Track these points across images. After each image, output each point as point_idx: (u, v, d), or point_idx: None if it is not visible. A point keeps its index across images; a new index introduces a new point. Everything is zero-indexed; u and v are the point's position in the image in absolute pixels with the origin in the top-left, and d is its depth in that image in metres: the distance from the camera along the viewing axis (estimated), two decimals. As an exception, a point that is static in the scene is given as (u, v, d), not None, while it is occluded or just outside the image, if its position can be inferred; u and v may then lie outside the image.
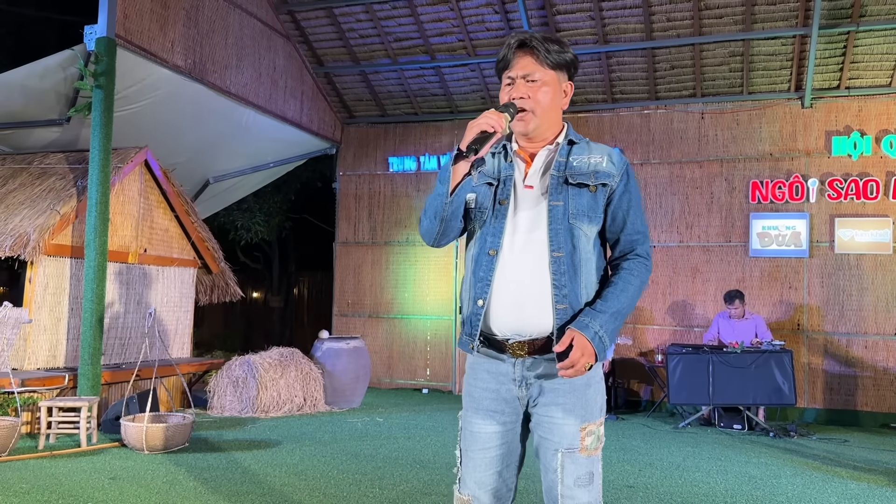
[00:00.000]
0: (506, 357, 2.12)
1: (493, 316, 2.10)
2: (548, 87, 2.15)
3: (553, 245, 2.08)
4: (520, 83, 2.14)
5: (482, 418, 2.15)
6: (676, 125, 9.13)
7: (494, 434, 2.14)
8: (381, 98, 10.20)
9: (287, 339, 14.50)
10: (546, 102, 2.15)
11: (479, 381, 2.18)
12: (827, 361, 8.39)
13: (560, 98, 2.20)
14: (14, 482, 4.58)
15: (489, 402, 2.15)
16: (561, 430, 2.08)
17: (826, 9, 7.83)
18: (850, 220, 8.34)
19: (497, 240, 2.12)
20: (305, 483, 4.78)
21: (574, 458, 2.06)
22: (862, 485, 5.18)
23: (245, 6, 8.50)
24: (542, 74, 2.14)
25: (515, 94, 2.14)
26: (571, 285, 2.08)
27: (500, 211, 2.14)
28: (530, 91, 2.13)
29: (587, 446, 2.08)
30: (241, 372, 7.55)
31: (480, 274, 2.12)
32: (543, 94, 2.14)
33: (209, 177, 9.75)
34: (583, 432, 2.08)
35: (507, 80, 2.18)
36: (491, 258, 2.11)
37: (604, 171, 2.14)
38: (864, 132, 8.38)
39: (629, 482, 5.06)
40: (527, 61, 2.15)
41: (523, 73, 2.15)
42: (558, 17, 8.62)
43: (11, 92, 7.25)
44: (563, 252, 2.08)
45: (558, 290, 2.06)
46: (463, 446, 2.20)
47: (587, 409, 2.10)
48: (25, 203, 6.91)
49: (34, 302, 6.53)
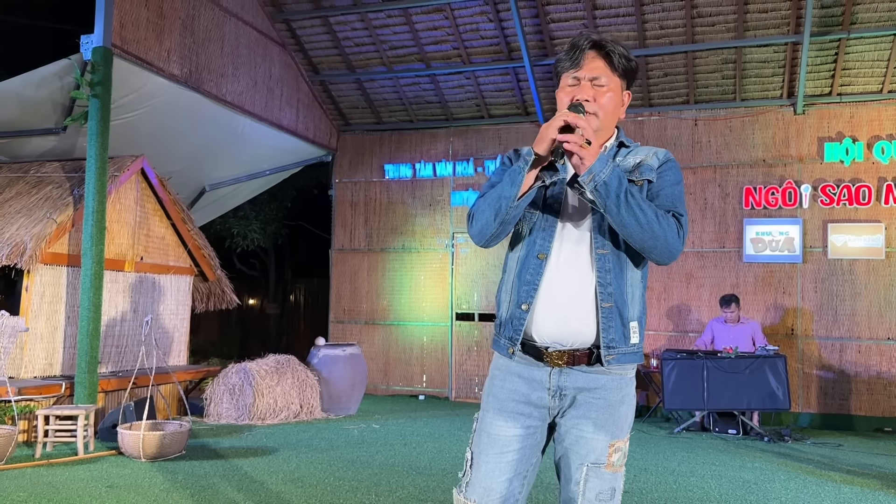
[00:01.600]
0: (542, 365, 2.07)
1: (535, 322, 2.05)
2: (612, 94, 2.10)
3: (597, 243, 2.04)
4: (586, 85, 2.09)
5: (505, 420, 2.09)
6: (670, 132, 9.19)
7: (515, 437, 2.08)
8: (377, 105, 10.25)
9: (283, 346, 14.51)
10: (610, 108, 2.10)
11: (508, 382, 2.11)
12: (821, 366, 8.43)
13: (619, 106, 2.15)
14: (11, 491, 4.59)
15: (515, 404, 2.09)
16: (589, 444, 2.03)
17: (817, 16, 7.91)
18: (842, 226, 8.40)
19: (547, 244, 2.07)
20: (302, 490, 4.79)
21: (599, 473, 2.02)
22: (855, 489, 5.22)
23: (241, 15, 8.54)
24: (609, 79, 2.10)
25: (581, 95, 2.07)
26: (617, 283, 2.03)
27: (549, 215, 2.10)
28: (596, 94, 2.08)
29: (613, 462, 2.04)
30: (237, 379, 7.56)
31: (527, 277, 2.07)
32: (608, 100, 2.09)
33: (205, 184, 9.78)
34: (611, 448, 2.04)
35: (571, 80, 2.11)
36: (540, 262, 2.06)
37: (647, 165, 2.10)
38: (856, 138, 8.46)
39: (624, 487, 5.08)
40: (598, 64, 2.09)
41: (592, 75, 2.09)
42: (552, 25, 8.69)
43: (8, 101, 7.28)
44: (607, 250, 2.03)
45: (603, 288, 2.01)
46: (476, 449, 2.12)
47: (617, 426, 2.05)
48: (22, 212, 6.93)
49: (31, 310, 6.55)
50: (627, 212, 1.91)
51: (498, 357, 2.17)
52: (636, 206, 1.92)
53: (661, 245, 1.96)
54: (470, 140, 10.01)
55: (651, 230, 1.93)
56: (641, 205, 1.94)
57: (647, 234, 1.94)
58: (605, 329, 2.00)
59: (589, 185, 1.92)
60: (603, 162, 1.92)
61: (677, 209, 2.04)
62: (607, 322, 2.01)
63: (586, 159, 1.91)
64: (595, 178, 1.91)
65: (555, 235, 2.07)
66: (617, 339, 2.02)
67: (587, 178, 1.92)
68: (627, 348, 2.04)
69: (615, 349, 2.02)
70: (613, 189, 1.91)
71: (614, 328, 2.01)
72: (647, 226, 1.93)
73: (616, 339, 2.02)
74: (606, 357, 2.01)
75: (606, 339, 2.01)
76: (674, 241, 1.97)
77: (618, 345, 2.02)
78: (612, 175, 1.92)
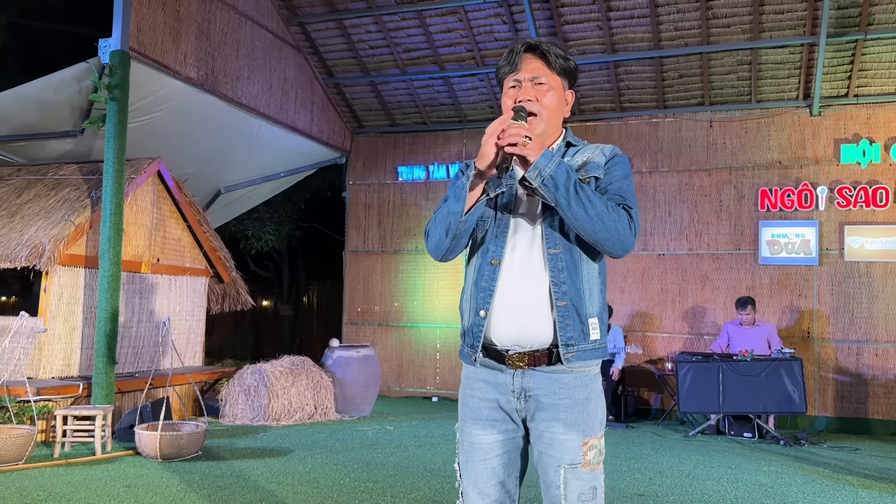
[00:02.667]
0: (505, 368, 2.08)
1: (493, 326, 2.07)
2: (554, 92, 2.13)
3: (549, 242, 2.04)
4: (527, 86, 2.11)
5: (482, 428, 2.11)
6: (685, 133, 9.15)
7: (495, 443, 2.10)
8: (391, 108, 10.28)
9: (297, 348, 14.56)
10: (552, 107, 2.12)
11: (477, 391, 2.14)
12: (837, 369, 8.37)
13: (563, 105, 2.18)
14: (31, 490, 4.63)
15: (488, 411, 2.11)
16: (563, 445, 2.03)
17: (834, 17, 7.86)
18: (859, 228, 8.33)
19: (500, 249, 2.09)
20: (318, 491, 4.81)
21: (577, 473, 2.02)
22: (873, 493, 5.18)
23: (256, 18, 8.59)
24: (549, 78, 2.12)
25: (523, 95, 2.10)
26: (571, 281, 2.03)
27: (501, 220, 2.11)
28: (538, 94, 2.11)
29: (589, 461, 2.04)
30: (252, 380, 7.60)
31: (482, 284, 2.09)
32: (550, 99, 2.12)
33: (220, 187, 9.84)
34: (585, 447, 2.04)
35: (512, 82, 2.15)
36: (493, 268, 2.08)
37: (594, 162, 2.11)
38: (873, 140, 8.39)
39: (639, 490, 5.08)
40: (536, 65, 2.13)
41: (531, 75, 2.12)
42: (566, 27, 8.68)
43: (27, 104, 7.35)
44: (559, 248, 2.04)
45: (557, 287, 2.02)
46: (462, 459, 2.16)
47: (588, 424, 2.05)
48: (40, 214, 7.00)
49: (49, 312, 6.61)
50: (577, 204, 1.93)
51: (465, 366, 2.20)
52: (585, 198, 1.94)
53: (612, 236, 1.97)
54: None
55: (602, 222, 1.95)
56: (591, 197, 1.95)
57: (598, 226, 1.95)
58: (562, 327, 2.01)
59: (536, 180, 1.93)
60: (548, 157, 1.94)
61: (627, 202, 2.05)
62: (564, 320, 2.01)
63: (530, 155, 1.94)
64: (541, 172, 1.93)
65: (507, 240, 2.09)
66: (575, 336, 2.02)
67: (533, 173, 1.93)
68: (588, 345, 2.04)
69: (574, 346, 2.02)
70: (562, 182, 1.93)
71: (572, 326, 2.02)
72: (597, 218, 1.94)
73: (574, 336, 2.02)
74: (566, 355, 2.01)
75: (564, 337, 2.01)
76: (625, 232, 1.98)
77: (577, 342, 2.02)
78: (559, 168, 1.94)
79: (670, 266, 9.04)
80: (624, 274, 9.20)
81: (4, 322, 6.60)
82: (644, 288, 9.12)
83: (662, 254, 9.08)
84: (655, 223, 9.13)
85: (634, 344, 8.77)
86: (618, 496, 4.90)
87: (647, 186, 9.19)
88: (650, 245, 9.13)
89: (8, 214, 7.14)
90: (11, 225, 6.96)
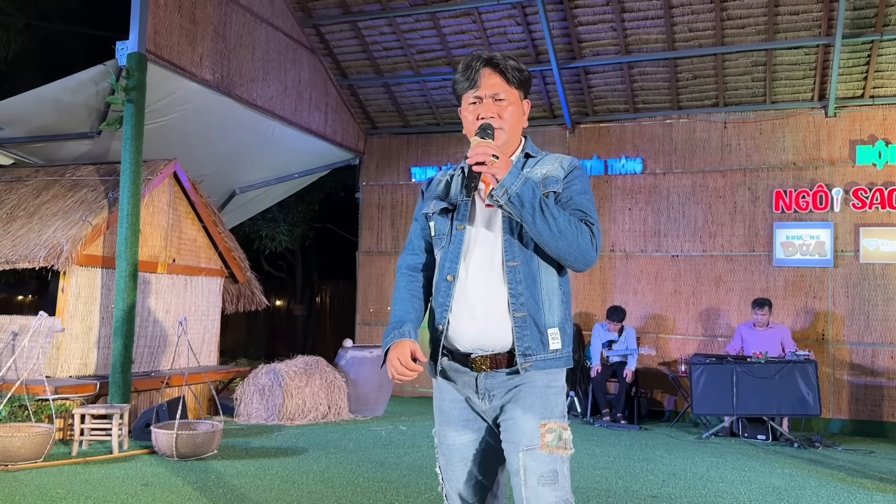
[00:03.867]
0: (468, 370, 2.14)
1: (456, 335, 2.14)
2: (513, 107, 2.19)
3: (508, 255, 2.10)
4: (488, 102, 2.17)
5: (456, 430, 2.19)
6: (699, 135, 9.13)
7: (470, 443, 2.18)
8: (404, 109, 10.31)
9: (310, 348, 14.62)
10: (513, 121, 2.18)
11: (447, 394, 2.22)
12: (852, 372, 8.33)
13: (521, 116, 2.24)
14: (50, 488, 4.70)
15: (459, 412, 2.19)
16: (520, 428, 2.06)
17: (849, 18, 7.82)
18: (875, 230, 8.29)
19: (454, 265, 2.14)
20: (332, 491, 4.85)
21: (535, 455, 2.03)
22: (888, 496, 5.15)
23: (271, 20, 8.65)
24: (507, 93, 2.17)
25: (485, 112, 2.15)
26: (529, 293, 2.08)
27: (457, 235, 2.16)
28: (499, 110, 2.16)
29: (548, 443, 2.04)
30: (267, 380, 7.66)
31: (440, 300, 2.16)
32: (510, 114, 2.18)
33: (235, 187, 9.91)
34: (542, 429, 2.05)
35: (472, 98, 2.19)
36: (449, 284, 2.14)
37: (553, 176, 2.16)
38: (889, 141, 8.35)
39: (652, 492, 5.08)
40: (495, 81, 2.17)
41: (492, 92, 2.16)
42: (580, 28, 8.68)
43: (45, 106, 7.44)
44: (518, 262, 2.09)
45: (515, 299, 2.07)
46: (442, 462, 2.22)
47: (546, 407, 2.08)
48: (58, 214, 7.08)
49: (66, 311, 6.68)
50: (541, 220, 1.98)
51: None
52: (549, 215, 2.00)
53: (574, 251, 2.04)
54: (497, 143, 10.01)
55: (564, 238, 2.01)
56: (555, 213, 2.01)
57: (560, 242, 2.02)
58: (519, 337, 2.07)
59: (503, 198, 1.99)
60: (514, 174, 2.01)
61: (588, 217, 2.11)
62: (521, 331, 2.07)
63: (497, 174, 2.00)
64: (508, 190, 1.99)
65: (462, 254, 2.14)
66: (534, 346, 2.07)
67: (500, 191, 1.99)
68: (547, 354, 2.10)
69: (532, 356, 2.07)
70: (528, 200, 1.99)
71: (530, 336, 2.07)
72: (559, 234, 2.01)
73: (533, 346, 2.07)
74: (523, 364, 2.06)
75: (522, 346, 2.07)
76: (586, 247, 2.05)
77: (535, 352, 2.08)
78: (525, 186, 2.00)
79: (684, 267, 9.02)
80: (637, 275, 9.20)
81: (23, 321, 6.69)
82: (658, 289, 9.11)
83: (676, 255, 9.07)
84: (669, 224, 9.12)
85: (648, 345, 8.75)
86: (631, 498, 4.90)
87: (661, 188, 9.17)
88: (664, 246, 9.12)
89: (27, 215, 7.23)
90: (30, 225, 7.04)
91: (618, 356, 8.38)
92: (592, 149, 9.49)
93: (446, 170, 2.39)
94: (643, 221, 9.24)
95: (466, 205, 2.19)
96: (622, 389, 8.15)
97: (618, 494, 4.98)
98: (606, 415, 8.16)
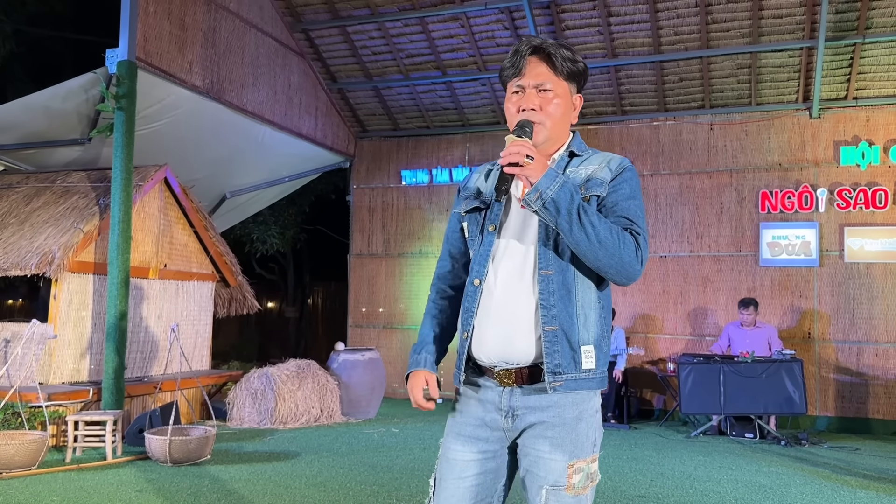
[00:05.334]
0: (493, 384, 1.99)
1: (480, 344, 1.99)
2: (560, 100, 2.00)
3: (542, 263, 1.92)
4: (531, 93, 1.99)
5: (462, 444, 2.02)
6: (685, 136, 9.23)
7: (472, 462, 2.00)
8: (394, 112, 10.37)
9: (302, 349, 14.67)
10: (558, 115, 2.00)
11: (465, 406, 2.07)
12: (838, 370, 8.45)
13: (570, 111, 2.05)
14: (45, 495, 4.74)
15: (472, 427, 2.02)
16: (547, 465, 1.91)
17: (832, 21, 7.93)
18: (859, 230, 8.40)
19: (482, 268, 1.99)
20: (325, 495, 4.91)
21: (559, 496, 1.90)
22: (871, 493, 5.26)
23: (261, 26, 8.69)
24: (555, 84, 1.99)
25: (526, 104, 1.98)
26: (562, 305, 1.90)
27: (488, 237, 2.01)
28: (542, 102, 1.98)
29: (574, 484, 1.90)
30: (259, 384, 7.71)
31: (466, 305, 2.03)
32: (556, 107, 1.99)
33: (226, 192, 9.95)
34: (570, 469, 1.90)
35: (515, 87, 2.02)
36: (475, 288, 2.00)
37: (597, 178, 1.97)
38: (873, 142, 8.46)
39: (640, 492, 5.16)
40: (541, 70, 1.99)
41: (536, 81, 1.99)
42: (567, 32, 8.76)
43: (35, 113, 7.47)
44: (552, 270, 1.92)
45: (546, 311, 1.90)
46: (438, 475, 2.05)
47: (576, 445, 1.92)
48: (49, 221, 7.11)
49: (59, 318, 6.71)
50: (579, 229, 1.81)
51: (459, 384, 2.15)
52: (588, 223, 1.81)
53: (616, 264, 1.85)
54: (486, 145, 10.09)
55: (605, 249, 1.83)
56: (594, 221, 1.83)
57: (601, 253, 1.83)
58: (549, 353, 1.89)
59: (536, 203, 1.82)
60: (551, 177, 1.82)
61: (635, 226, 1.91)
62: (552, 346, 1.89)
63: (531, 176, 1.83)
64: (542, 194, 1.81)
65: (490, 259, 1.99)
66: (565, 364, 1.90)
67: (534, 195, 1.82)
68: (579, 374, 1.92)
69: (562, 375, 1.89)
70: (564, 206, 1.81)
71: (560, 353, 1.89)
72: (599, 244, 1.82)
73: (563, 364, 1.89)
74: (552, 384, 1.89)
75: (551, 364, 1.89)
76: (630, 260, 1.86)
77: (566, 370, 1.90)
78: (562, 191, 1.82)
79: (672, 268, 9.12)
80: (626, 276, 9.27)
81: (16, 328, 6.72)
82: (646, 290, 9.20)
83: (664, 256, 9.16)
84: (657, 225, 9.22)
85: (636, 345, 8.84)
86: (619, 498, 4.99)
87: (649, 189, 9.27)
88: (652, 247, 9.21)
89: (18, 222, 7.25)
90: (21, 232, 7.07)
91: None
92: (581, 151, 9.56)
93: (485, 165, 2.20)
94: (631, 223, 9.31)
95: (500, 204, 2.01)
96: (612, 389, 8.24)
97: (606, 494, 5.06)
98: (596, 415, 8.22)
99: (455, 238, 2.17)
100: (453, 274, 2.19)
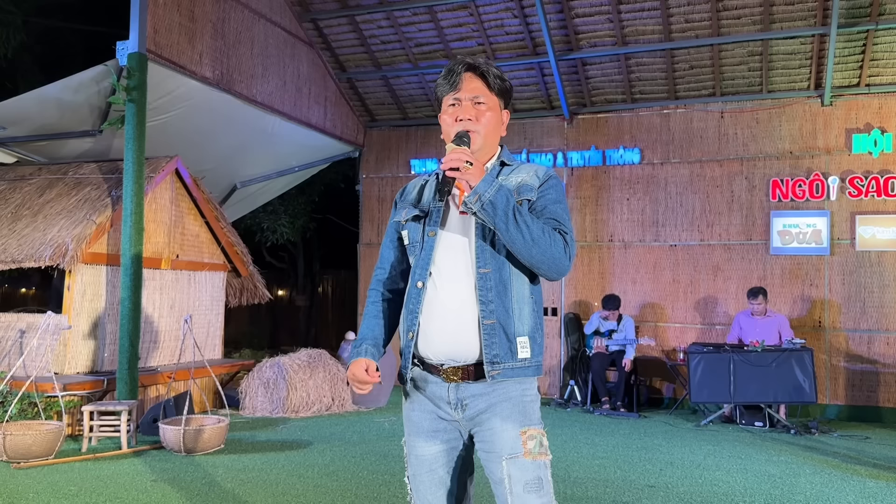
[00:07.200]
0: (439, 381, 2.13)
1: (426, 343, 2.13)
2: (492, 112, 2.21)
3: (479, 262, 2.10)
4: (467, 104, 2.18)
5: (425, 440, 2.17)
6: (696, 124, 9.19)
7: (439, 453, 2.17)
8: (403, 102, 10.36)
9: (313, 337, 14.75)
10: (490, 126, 2.20)
11: (417, 403, 2.20)
12: (848, 358, 8.44)
13: (500, 124, 2.26)
14: (63, 484, 4.82)
15: (429, 422, 2.17)
16: (501, 438, 2.07)
17: (845, 8, 7.86)
18: (871, 218, 8.36)
19: (424, 272, 2.14)
20: (337, 484, 4.97)
21: (519, 463, 2.04)
22: (880, 483, 5.27)
23: (269, 16, 8.69)
24: (487, 98, 2.20)
25: (463, 114, 2.17)
26: (499, 300, 2.08)
27: (429, 242, 2.17)
28: (477, 113, 2.18)
29: (530, 450, 2.06)
30: (271, 373, 7.77)
31: (410, 307, 2.16)
32: (488, 118, 2.20)
33: (236, 182, 9.99)
34: (524, 436, 2.07)
35: (451, 101, 2.21)
36: (419, 290, 2.14)
37: (527, 185, 2.16)
38: (885, 129, 8.40)
39: (650, 482, 5.20)
40: (475, 84, 2.20)
41: (471, 95, 2.19)
42: (577, 20, 8.72)
43: (47, 105, 7.51)
44: (489, 268, 2.09)
45: (484, 307, 2.07)
46: (410, 472, 2.21)
47: (524, 415, 2.09)
48: (62, 213, 7.17)
49: (73, 309, 6.79)
50: (515, 228, 1.99)
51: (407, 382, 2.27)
52: (523, 223, 2.00)
53: (547, 260, 2.04)
54: (495, 134, 10.06)
55: (538, 246, 2.02)
56: (528, 222, 2.02)
57: (534, 250, 2.02)
58: (487, 345, 2.06)
59: (476, 205, 2.00)
60: (488, 182, 2.02)
61: (562, 226, 2.11)
62: (490, 338, 2.06)
63: (471, 180, 2.02)
64: (481, 197, 1.99)
65: (432, 261, 2.15)
66: (502, 354, 2.07)
67: (473, 197, 2.00)
68: (516, 363, 2.08)
69: (500, 364, 2.06)
70: (501, 207, 1.99)
71: (498, 344, 2.07)
72: (532, 242, 2.01)
73: (501, 354, 2.07)
74: (490, 372, 2.05)
75: (489, 354, 2.06)
76: (560, 256, 2.05)
77: (503, 360, 2.07)
78: (499, 194, 2.00)
79: (682, 257, 9.11)
80: (636, 265, 9.29)
81: (31, 319, 6.79)
82: (656, 279, 9.20)
83: (674, 244, 9.15)
84: (667, 214, 9.20)
85: (647, 336, 8.85)
86: (629, 487, 5.02)
87: (659, 177, 9.25)
88: (662, 236, 9.20)
89: (31, 214, 7.32)
90: (35, 224, 7.13)
91: (617, 345, 8.49)
92: (590, 139, 9.55)
93: (419, 178, 2.40)
94: (641, 211, 9.31)
95: (439, 211, 2.19)
96: (621, 378, 8.26)
97: (616, 484, 5.10)
98: (606, 403, 8.27)
99: (394, 246, 2.34)
100: (391, 280, 2.34)
